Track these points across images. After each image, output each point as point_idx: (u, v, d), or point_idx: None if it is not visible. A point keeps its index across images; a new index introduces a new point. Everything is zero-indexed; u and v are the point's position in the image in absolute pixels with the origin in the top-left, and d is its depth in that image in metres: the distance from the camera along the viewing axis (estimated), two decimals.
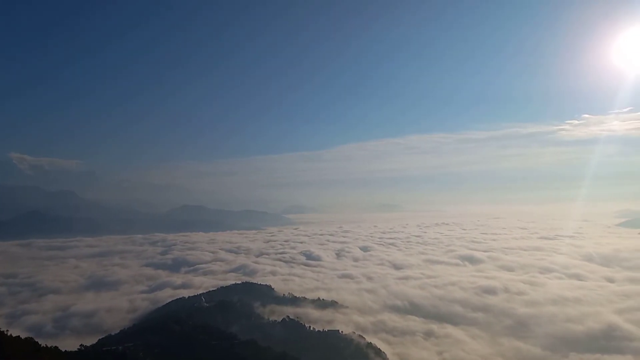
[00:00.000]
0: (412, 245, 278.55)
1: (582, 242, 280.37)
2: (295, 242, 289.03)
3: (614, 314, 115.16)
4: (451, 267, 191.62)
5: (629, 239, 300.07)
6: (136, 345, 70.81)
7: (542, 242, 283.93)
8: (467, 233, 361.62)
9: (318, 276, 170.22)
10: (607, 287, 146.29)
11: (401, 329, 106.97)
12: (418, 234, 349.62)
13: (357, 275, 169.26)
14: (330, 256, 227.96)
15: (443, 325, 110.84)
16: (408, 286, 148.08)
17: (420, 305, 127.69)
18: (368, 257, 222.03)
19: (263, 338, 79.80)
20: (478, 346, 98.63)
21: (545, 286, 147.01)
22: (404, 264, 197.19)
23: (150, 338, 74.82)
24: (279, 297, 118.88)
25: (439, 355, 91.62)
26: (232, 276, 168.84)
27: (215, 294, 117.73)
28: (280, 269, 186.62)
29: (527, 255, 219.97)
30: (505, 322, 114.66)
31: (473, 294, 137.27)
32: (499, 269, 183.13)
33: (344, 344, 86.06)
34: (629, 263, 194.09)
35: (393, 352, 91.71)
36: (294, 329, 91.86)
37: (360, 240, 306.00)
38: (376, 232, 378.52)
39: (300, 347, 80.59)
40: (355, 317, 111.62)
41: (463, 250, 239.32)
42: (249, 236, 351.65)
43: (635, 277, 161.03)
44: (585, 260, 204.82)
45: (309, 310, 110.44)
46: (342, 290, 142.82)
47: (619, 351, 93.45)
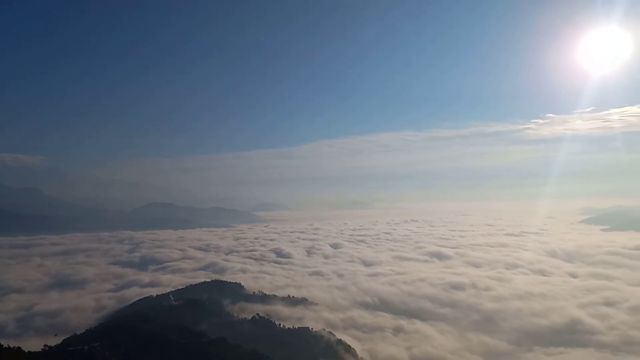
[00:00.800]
0: (381, 242, 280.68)
1: (546, 238, 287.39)
2: (266, 240, 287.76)
3: (577, 308, 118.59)
4: (420, 264, 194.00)
5: (591, 236, 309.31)
6: (103, 345, 69.26)
7: (508, 238, 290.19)
8: (436, 230, 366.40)
9: (288, 273, 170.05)
10: (570, 282, 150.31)
11: (371, 325, 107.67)
12: (388, 231, 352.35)
13: (327, 272, 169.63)
14: (301, 253, 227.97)
15: (412, 321, 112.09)
16: (378, 283, 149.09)
17: (390, 302, 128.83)
18: (338, 254, 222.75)
19: (233, 336, 79.08)
20: (446, 341, 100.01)
21: (512, 282, 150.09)
22: (373, 261, 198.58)
23: (117, 337, 73.27)
24: (249, 295, 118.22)
25: (408, 351, 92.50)
26: (201, 274, 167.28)
27: (184, 292, 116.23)
28: (250, 266, 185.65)
29: (493, 252, 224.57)
30: (472, 317, 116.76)
31: (441, 289, 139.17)
32: (467, 265, 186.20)
33: (314, 341, 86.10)
34: (590, 259, 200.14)
35: (363, 348, 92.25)
36: (264, 327, 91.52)
37: (330, 237, 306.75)
38: (346, 229, 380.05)
39: (271, 345, 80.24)
40: (326, 314, 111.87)
41: (432, 247, 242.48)
42: (219, 234, 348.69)
43: (597, 272, 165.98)
44: (550, 256, 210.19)
45: (279, 308, 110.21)
46: (313, 287, 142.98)
47: (581, 345, 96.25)
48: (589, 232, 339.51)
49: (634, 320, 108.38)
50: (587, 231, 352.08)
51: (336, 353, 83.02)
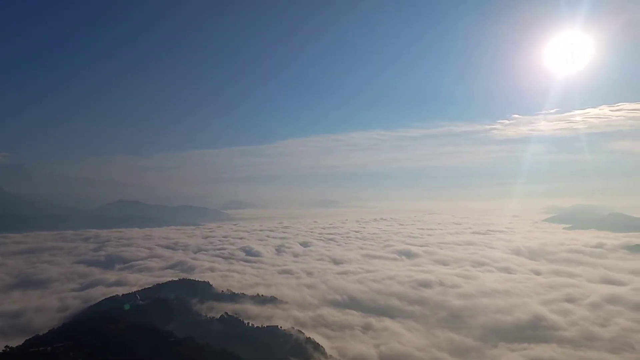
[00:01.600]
0: (351, 240, 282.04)
1: (511, 236, 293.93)
2: (235, 238, 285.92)
3: (540, 304, 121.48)
4: (389, 262, 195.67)
5: (554, 234, 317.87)
6: (66, 346, 67.71)
7: (475, 236, 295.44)
8: (405, 228, 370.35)
9: (258, 272, 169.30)
10: (534, 280, 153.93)
11: (340, 323, 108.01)
12: (357, 230, 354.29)
13: (297, 270, 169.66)
14: (270, 252, 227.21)
15: (381, 318, 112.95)
16: (347, 281, 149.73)
17: (359, 300, 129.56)
18: (308, 253, 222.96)
19: (201, 335, 78.35)
20: (414, 338, 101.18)
21: (478, 279, 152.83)
22: (343, 259, 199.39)
23: (82, 338, 71.68)
24: (218, 294, 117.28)
25: (377, 348, 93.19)
26: (169, 273, 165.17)
27: (151, 291, 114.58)
28: (219, 265, 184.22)
29: (461, 250, 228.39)
30: (440, 314, 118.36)
31: (410, 287, 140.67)
32: (435, 263, 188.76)
33: (283, 340, 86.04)
34: (553, 256, 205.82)
35: (332, 346, 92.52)
36: (232, 326, 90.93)
37: (300, 235, 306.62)
38: (316, 227, 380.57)
39: (239, 344, 79.81)
40: (295, 313, 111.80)
41: (400, 245, 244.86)
42: (187, 232, 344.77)
43: (559, 269, 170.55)
44: (515, 254, 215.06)
45: (248, 307, 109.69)
46: (282, 285, 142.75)
47: (544, 340, 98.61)
48: (552, 231, 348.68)
49: (594, 316, 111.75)
50: (551, 229, 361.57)
51: (305, 351, 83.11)
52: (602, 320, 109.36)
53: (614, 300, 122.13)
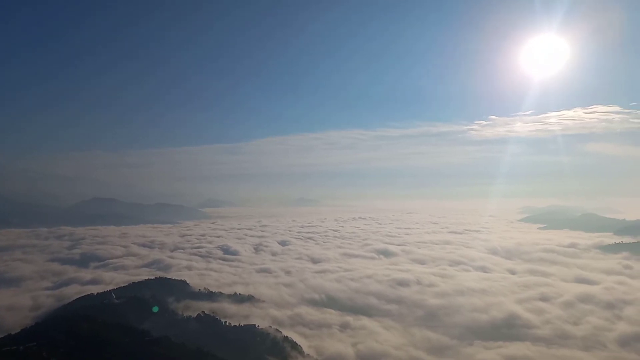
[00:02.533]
0: (329, 239, 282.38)
1: (488, 236, 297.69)
2: (212, 237, 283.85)
3: (515, 303, 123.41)
4: (367, 261, 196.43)
5: (529, 234, 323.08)
6: (39, 345, 66.39)
7: (452, 236, 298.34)
8: (383, 227, 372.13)
9: (235, 271, 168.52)
10: (509, 279, 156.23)
11: (318, 322, 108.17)
12: (336, 228, 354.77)
13: (275, 269, 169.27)
14: (248, 250, 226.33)
15: (358, 317, 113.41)
16: (325, 279, 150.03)
17: (337, 298, 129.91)
18: (286, 251, 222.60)
19: (177, 334, 77.56)
20: (391, 337, 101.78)
21: (455, 278, 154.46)
22: (321, 258, 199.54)
23: (56, 337, 70.34)
24: (195, 293, 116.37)
25: (354, 347, 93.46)
26: (145, 271, 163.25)
27: (127, 289, 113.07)
28: (196, 263, 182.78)
29: (438, 249, 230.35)
30: (417, 313, 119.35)
31: (387, 286, 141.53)
32: (412, 262, 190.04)
33: (260, 339, 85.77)
34: (528, 256, 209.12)
35: (309, 345, 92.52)
36: (209, 325, 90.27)
37: (278, 234, 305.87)
38: (294, 226, 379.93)
39: (216, 343, 79.32)
40: (273, 311, 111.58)
41: (379, 244, 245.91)
42: (164, 230, 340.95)
43: (534, 268, 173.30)
44: (491, 253, 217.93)
45: (226, 305, 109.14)
46: (260, 284, 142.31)
47: (518, 338, 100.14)
48: (527, 231, 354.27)
49: (567, 315, 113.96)
50: (526, 229, 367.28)
51: (282, 350, 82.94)
52: (575, 319, 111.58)
53: (586, 299, 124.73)
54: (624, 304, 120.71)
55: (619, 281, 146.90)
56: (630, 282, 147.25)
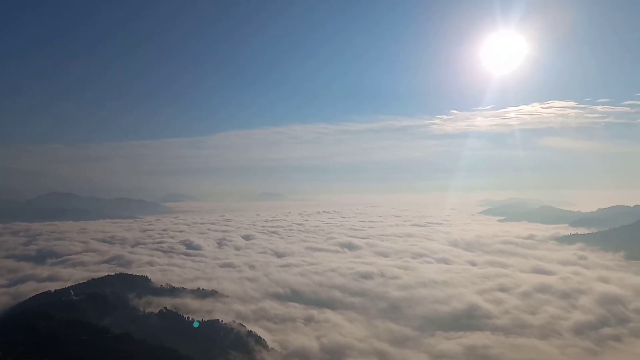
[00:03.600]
0: (294, 233, 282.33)
1: (449, 228, 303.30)
2: (175, 231, 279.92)
3: (475, 294, 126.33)
4: (331, 254, 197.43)
5: (489, 226, 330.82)
6: None
7: (414, 229, 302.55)
8: (347, 221, 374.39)
9: (199, 266, 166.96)
10: (470, 270, 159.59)
11: (282, 316, 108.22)
12: (300, 222, 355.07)
13: (238, 264, 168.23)
14: (212, 245, 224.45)
15: (323, 310, 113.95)
16: (289, 273, 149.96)
17: (301, 292, 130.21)
18: (250, 246, 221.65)
19: (138, 331, 76.11)
20: (355, 329, 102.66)
21: (417, 270, 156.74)
22: (285, 252, 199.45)
23: (11, 336, 68.01)
24: (156, 288, 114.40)
25: (318, 340, 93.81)
26: (105, 267, 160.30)
27: (86, 286, 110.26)
28: (158, 259, 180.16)
29: (401, 242, 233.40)
30: (380, 305, 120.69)
31: (351, 279, 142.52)
32: (376, 255, 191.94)
33: (223, 333, 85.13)
34: (488, 248, 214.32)
35: (273, 339, 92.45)
36: (171, 320, 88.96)
37: (242, 228, 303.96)
38: (258, 220, 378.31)
39: (178, 339, 78.27)
40: (236, 306, 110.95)
41: (343, 237, 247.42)
42: (124, 225, 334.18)
43: (494, 260, 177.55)
44: (452, 245, 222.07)
45: (188, 301, 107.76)
46: (223, 279, 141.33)
47: (478, 328, 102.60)
48: (487, 223, 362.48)
49: (525, 305, 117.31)
50: (486, 222, 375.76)
51: (246, 345, 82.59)
52: (532, 309, 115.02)
53: (543, 289, 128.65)
54: (579, 293, 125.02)
55: (574, 271, 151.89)
56: (584, 272, 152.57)
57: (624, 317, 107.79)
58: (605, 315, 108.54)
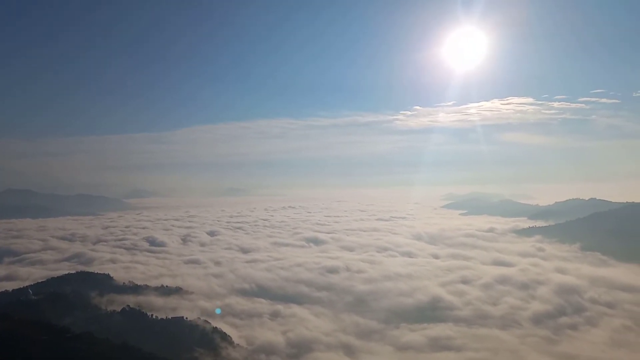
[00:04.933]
0: (259, 228, 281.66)
1: (413, 222, 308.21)
2: (138, 228, 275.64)
3: (439, 286, 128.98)
4: (297, 249, 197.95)
5: (451, 220, 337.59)
6: None
7: (379, 223, 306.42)
8: (312, 216, 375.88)
9: (163, 263, 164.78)
10: (433, 263, 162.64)
11: (248, 312, 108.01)
12: (265, 218, 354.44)
13: (204, 260, 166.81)
14: (176, 242, 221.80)
15: (289, 305, 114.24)
16: (255, 269, 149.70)
17: (268, 287, 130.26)
18: (215, 242, 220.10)
19: (100, 330, 74.68)
20: (321, 323, 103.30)
21: (382, 264, 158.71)
22: (251, 248, 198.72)
23: None
24: (119, 286, 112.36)
25: (284, 335, 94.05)
26: (65, 265, 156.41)
27: (46, 285, 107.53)
28: (121, 256, 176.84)
29: (366, 236, 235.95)
30: (346, 299, 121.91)
31: (317, 274, 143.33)
32: (341, 250, 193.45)
33: (189, 330, 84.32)
34: (451, 241, 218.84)
35: (240, 335, 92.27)
36: (135, 318, 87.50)
37: (207, 224, 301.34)
38: (224, 216, 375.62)
39: (142, 337, 77.12)
40: (202, 303, 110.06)
41: (308, 232, 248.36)
42: (85, 222, 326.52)
43: (456, 253, 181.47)
44: (416, 239, 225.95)
45: (152, 298, 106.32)
46: (188, 276, 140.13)
47: (442, 320, 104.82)
48: (449, 217, 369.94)
49: (486, 296, 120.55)
50: (448, 215, 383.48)
51: (212, 341, 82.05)
52: (493, 300, 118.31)
53: (503, 281, 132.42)
54: (537, 284, 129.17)
55: (532, 263, 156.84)
56: (542, 263, 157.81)
57: (580, 307, 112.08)
58: (562, 304, 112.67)
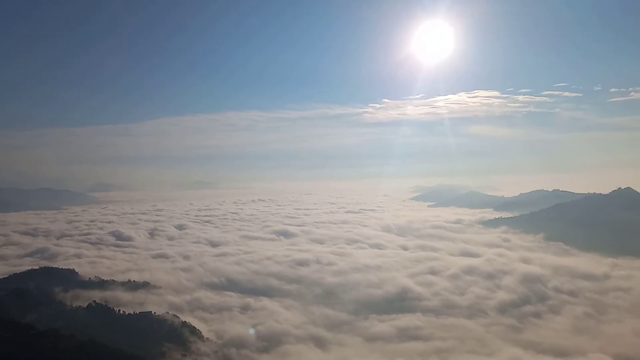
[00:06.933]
0: (229, 222, 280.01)
1: (382, 215, 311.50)
2: (103, 222, 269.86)
3: (407, 277, 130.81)
4: (267, 242, 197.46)
5: (419, 211, 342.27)
6: None
7: (349, 215, 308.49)
8: (282, 209, 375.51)
9: (130, 257, 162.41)
10: (402, 254, 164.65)
11: (218, 306, 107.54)
12: (235, 211, 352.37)
13: (172, 254, 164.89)
14: (143, 236, 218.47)
15: (259, 298, 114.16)
16: (225, 263, 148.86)
17: (237, 281, 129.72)
18: (183, 236, 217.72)
19: (66, 326, 73.05)
20: (291, 316, 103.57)
21: (351, 256, 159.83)
22: (220, 241, 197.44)
23: None
24: (84, 282, 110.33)
25: (254, 328, 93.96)
26: (28, 261, 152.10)
27: (7, 281, 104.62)
28: (86, 251, 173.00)
29: (336, 228, 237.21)
30: (316, 291, 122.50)
31: (287, 267, 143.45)
32: (311, 242, 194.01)
33: (157, 325, 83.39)
34: (419, 232, 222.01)
35: (209, 329, 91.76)
36: (101, 314, 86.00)
37: (175, 218, 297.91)
38: (192, 209, 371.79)
39: (109, 332, 75.91)
40: (170, 297, 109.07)
41: (278, 225, 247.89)
42: (48, 216, 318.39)
43: (424, 244, 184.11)
44: (385, 231, 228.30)
45: (119, 293, 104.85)
46: (156, 270, 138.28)
47: (410, 310, 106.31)
48: (418, 208, 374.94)
49: (454, 286, 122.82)
50: (417, 207, 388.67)
51: (181, 336, 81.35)
52: (461, 290, 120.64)
53: (470, 271, 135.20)
54: (503, 274, 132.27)
55: (498, 253, 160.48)
56: (508, 253, 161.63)
57: (544, 295, 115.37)
58: (526, 293, 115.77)
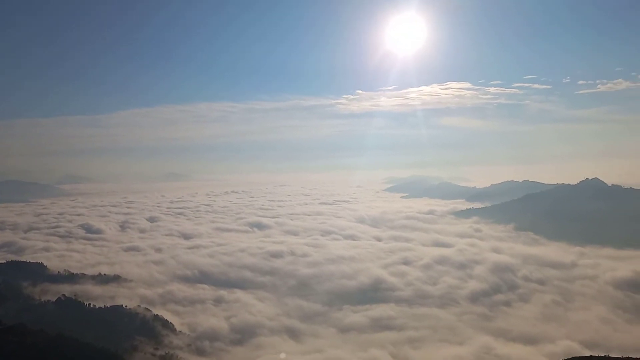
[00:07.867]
0: (201, 214, 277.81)
1: (356, 206, 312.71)
2: (72, 215, 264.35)
3: (381, 268, 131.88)
4: (241, 234, 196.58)
5: (393, 202, 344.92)
6: None
7: (322, 207, 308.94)
8: (256, 200, 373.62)
9: (100, 250, 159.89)
10: (375, 245, 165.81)
11: (191, 298, 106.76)
12: (207, 203, 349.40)
13: (143, 247, 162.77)
14: (114, 229, 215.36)
15: (233, 290, 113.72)
16: (198, 255, 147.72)
17: (211, 273, 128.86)
18: (155, 228, 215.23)
19: (34, 321, 71.40)
20: (265, 308, 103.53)
21: (326, 247, 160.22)
22: (193, 234, 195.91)
23: None
24: (53, 275, 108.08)
25: (227, 321, 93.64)
26: None
27: None
28: (55, 244, 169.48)
29: (310, 220, 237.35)
30: (290, 283, 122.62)
31: (261, 258, 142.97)
32: (285, 234, 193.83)
33: (128, 319, 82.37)
34: (392, 223, 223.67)
35: (182, 322, 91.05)
36: (70, 308, 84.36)
37: (146, 210, 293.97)
38: (164, 202, 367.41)
39: (79, 327, 74.38)
40: (141, 291, 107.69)
41: (252, 217, 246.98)
42: (15, 209, 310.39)
43: (398, 235, 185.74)
44: (359, 222, 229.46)
45: (89, 287, 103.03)
46: (127, 263, 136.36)
47: (384, 301, 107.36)
48: (391, 200, 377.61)
49: (426, 277, 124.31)
50: (390, 198, 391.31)
51: (153, 329, 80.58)
52: (433, 280, 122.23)
53: (442, 261, 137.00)
54: (474, 263, 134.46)
55: (470, 243, 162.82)
56: (479, 243, 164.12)
57: (514, 284, 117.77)
58: (497, 282, 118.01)
